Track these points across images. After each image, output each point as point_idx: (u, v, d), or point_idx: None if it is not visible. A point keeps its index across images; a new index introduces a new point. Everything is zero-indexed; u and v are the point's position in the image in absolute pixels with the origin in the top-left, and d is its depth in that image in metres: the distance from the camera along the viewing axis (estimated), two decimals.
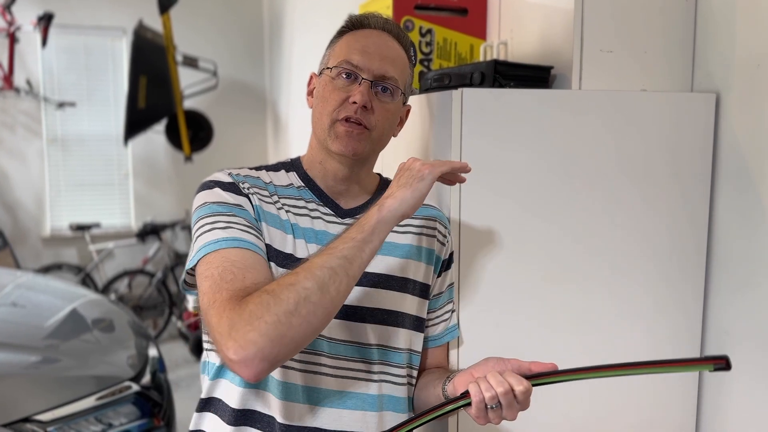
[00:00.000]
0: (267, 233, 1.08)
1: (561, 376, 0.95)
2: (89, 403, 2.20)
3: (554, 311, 1.37)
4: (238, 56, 5.73)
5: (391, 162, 1.26)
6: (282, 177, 1.18)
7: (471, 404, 0.97)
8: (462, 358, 1.31)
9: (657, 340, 1.44)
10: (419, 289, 1.19)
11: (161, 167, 5.63)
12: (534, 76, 1.43)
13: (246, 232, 1.03)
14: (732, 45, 1.41)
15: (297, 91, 4.78)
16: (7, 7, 4.93)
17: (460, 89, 1.29)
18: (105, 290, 5.21)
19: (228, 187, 1.09)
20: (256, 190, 1.12)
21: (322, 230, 1.13)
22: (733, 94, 1.41)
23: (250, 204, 1.09)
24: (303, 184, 1.17)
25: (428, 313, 1.23)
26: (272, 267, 1.05)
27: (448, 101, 1.29)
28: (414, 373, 1.21)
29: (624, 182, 1.39)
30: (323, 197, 1.17)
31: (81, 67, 5.42)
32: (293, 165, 1.20)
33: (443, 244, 1.23)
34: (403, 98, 1.18)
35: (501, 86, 1.38)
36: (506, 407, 0.96)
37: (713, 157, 1.45)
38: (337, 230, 1.12)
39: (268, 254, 1.06)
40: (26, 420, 2.06)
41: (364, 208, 1.17)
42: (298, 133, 4.85)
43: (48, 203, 5.39)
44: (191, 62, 5.03)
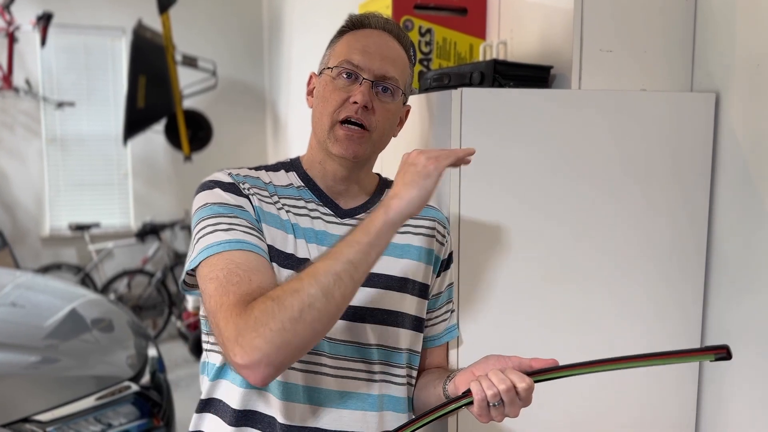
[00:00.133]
0: (268, 234, 1.08)
1: (562, 372, 0.95)
2: (89, 403, 2.20)
3: (554, 311, 1.37)
4: (238, 56, 5.73)
5: (391, 162, 1.26)
6: (282, 177, 1.18)
7: (473, 403, 0.97)
8: (462, 358, 1.31)
9: (657, 340, 1.45)
10: (418, 289, 1.18)
11: (160, 167, 5.63)
12: (534, 76, 1.43)
13: (249, 234, 1.03)
14: (732, 45, 1.41)
15: (296, 91, 4.77)
16: (7, 7, 4.92)
17: (460, 89, 1.29)
18: (104, 290, 5.20)
19: (228, 188, 1.09)
20: (256, 191, 1.12)
21: (322, 230, 1.13)
22: (733, 94, 1.41)
23: (251, 205, 1.09)
24: (303, 184, 1.17)
25: (428, 313, 1.23)
26: (275, 268, 1.05)
27: (448, 101, 1.29)
28: (414, 373, 1.21)
29: (624, 182, 1.39)
30: (323, 197, 1.17)
31: (80, 67, 5.41)
32: (293, 165, 1.20)
33: (442, 244, 1.23)
34: (404, 98, 1.18)
35: (500, 86, 1.38)
36: (509, 404, 0.96)
37: (713, 157, 1.45)
38: (336, 230, 1.12)
39: (270, 255, 1.06)
40: (26, 420, 2.06)
41: (364, 208, 1.18)
42: (298, 133, 4.85)
43: (47, 203, 5.38)
44: (190, 62, 5.03)
